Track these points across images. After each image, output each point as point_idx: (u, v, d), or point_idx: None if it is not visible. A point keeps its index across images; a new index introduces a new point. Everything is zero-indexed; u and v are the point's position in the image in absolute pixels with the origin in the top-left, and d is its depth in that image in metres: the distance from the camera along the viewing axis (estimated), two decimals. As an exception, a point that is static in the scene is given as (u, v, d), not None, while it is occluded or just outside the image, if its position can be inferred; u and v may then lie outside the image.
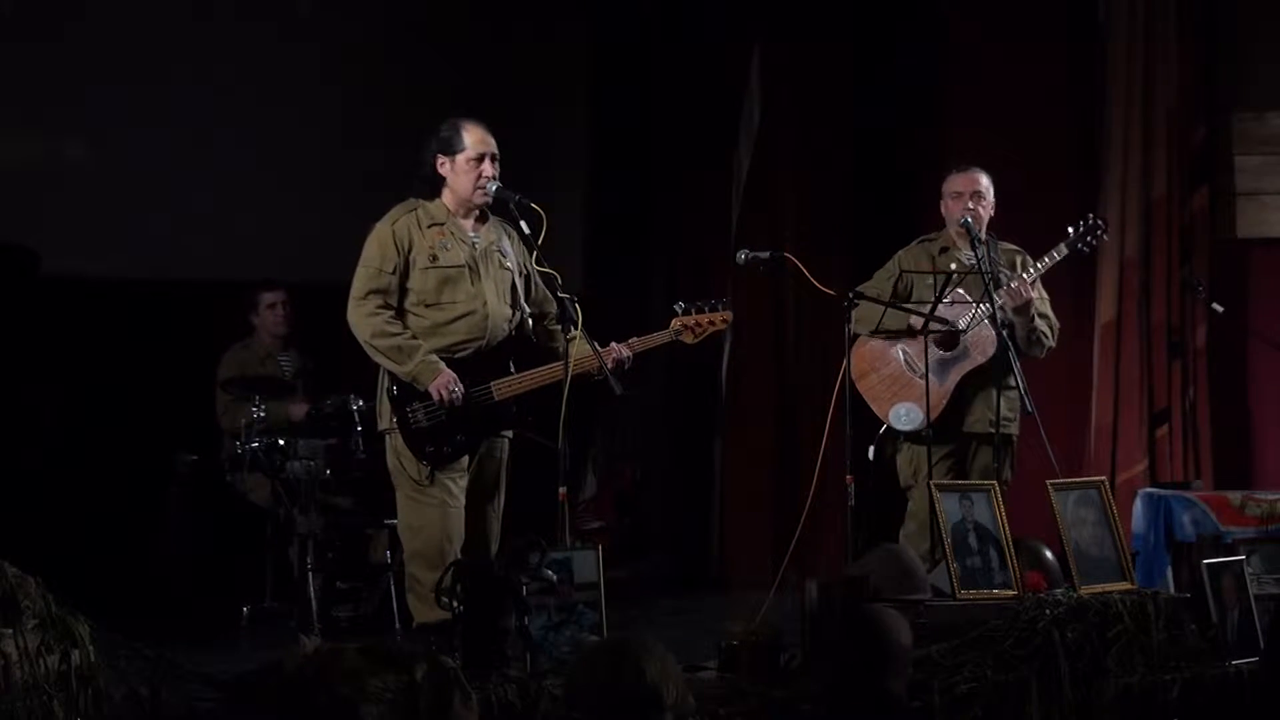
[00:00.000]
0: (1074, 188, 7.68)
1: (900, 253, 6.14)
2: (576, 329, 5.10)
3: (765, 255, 5.68)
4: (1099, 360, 7.61)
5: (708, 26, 8.27)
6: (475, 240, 5.25)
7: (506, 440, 5.32)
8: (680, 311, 5.41)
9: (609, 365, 5.17)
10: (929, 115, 8.05)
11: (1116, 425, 7.58)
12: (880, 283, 6.02)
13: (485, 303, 5.19)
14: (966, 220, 5.88)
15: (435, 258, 5.17)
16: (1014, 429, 5.95)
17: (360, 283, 5.18)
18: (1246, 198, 7.80)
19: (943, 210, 6.12)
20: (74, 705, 3.92)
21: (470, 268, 5.20)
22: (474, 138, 5.21)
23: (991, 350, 5.78)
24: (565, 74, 8.60)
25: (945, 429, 5.88)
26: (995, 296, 5.72)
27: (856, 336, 5.85)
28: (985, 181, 6.05)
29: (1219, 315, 7.39)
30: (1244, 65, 7.83)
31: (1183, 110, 7.66)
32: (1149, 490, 6.94)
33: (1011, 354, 5.70)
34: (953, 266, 5.87)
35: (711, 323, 5.44)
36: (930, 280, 5.90)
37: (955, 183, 6.07)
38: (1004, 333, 5.72)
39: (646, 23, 8.50)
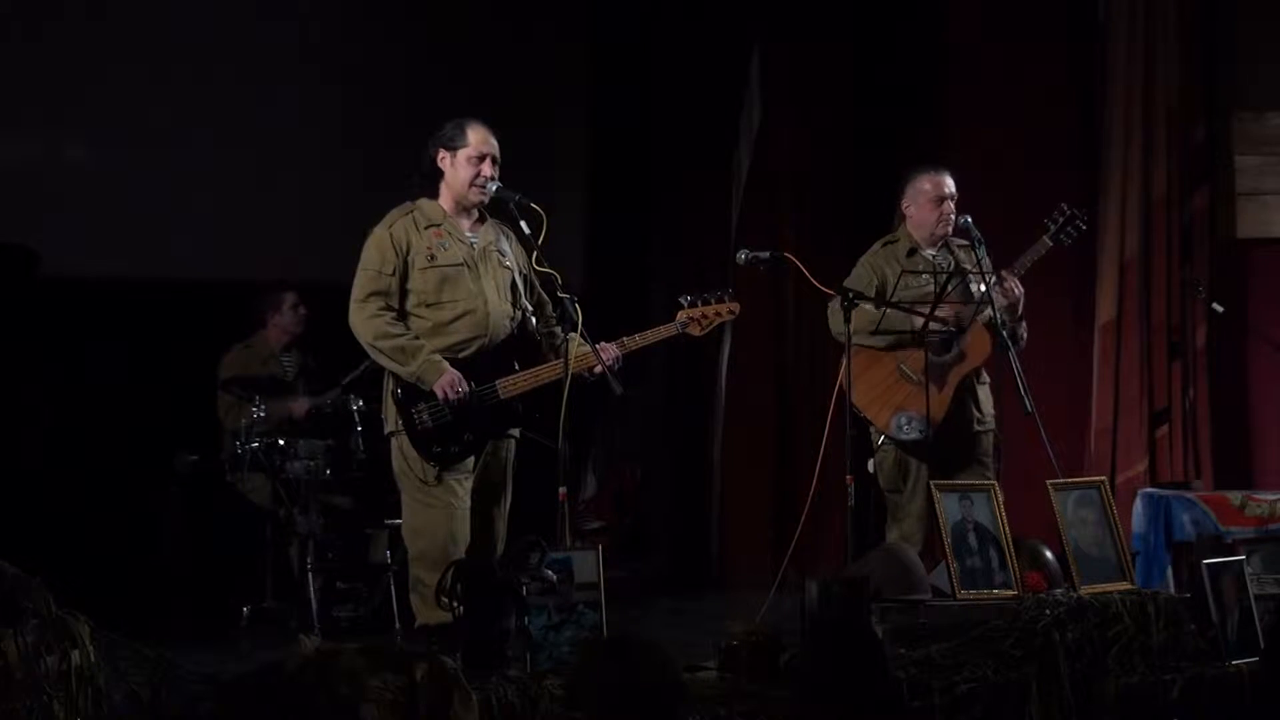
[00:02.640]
0: (1074, 188, 7.67)
1: (866, 258, 6.07)
2: (577, 329, 5.10)
3: (765, 255, 5.68)
4: (1099, 360, 7.60)
5: (708, 26, 8.28)
6: (473, 240, 5.26)
7: (512, 440, 5.32)
8: (686, 304, 5.40)
9: (598, 368, 5.17)
10: (929, 115, 8.05)
11: (1116, 425, 7.58)
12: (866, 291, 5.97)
13: (485, 300, 5.20)
14: (966, 220, 5.86)
15: (433, 257, 5.18)
16: (993, 424, 5.97)
17: (360, 286, 5.19)
18: (1246, 198, 7.80)
19: (909, 211, 6.05)
20: (74, 705, 3.92)
21: (469, 266, 5.20)
22: (477, 137, 5.22)
23: (988, 351, 5.78)
24: (565, 74, 8.60)
25: (942, 431, 5.87)
26: (994, 297, 5.72)
27: (850, 336, 5.77)
28: (953, 181, 6.04)
29: (1219, 315, 7.38)
30: (1244, 65, 7.83)
31: (1183, 110, 7.66)
32: (1149, 490, 6.94)
33: (1012, 354, 5.69)
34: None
35: (718, 314, 5.42)
36: (914, 282, 5.88)
37: (932, 187, 6.00)
38: (1004, 333, 5.72)
39: (646, 23, 8.50)
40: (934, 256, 6.00)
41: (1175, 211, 7.65)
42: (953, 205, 5.99)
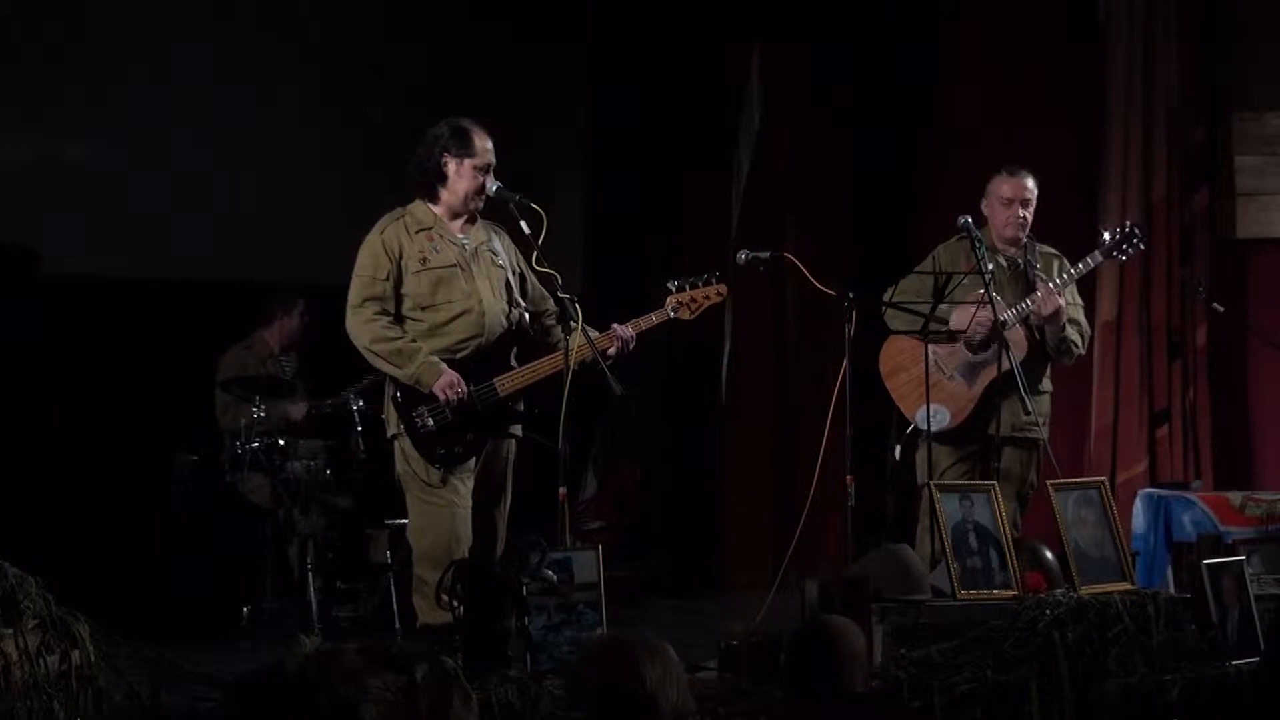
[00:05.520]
0: (1074, 188, 7.67)
1: (939, 247, 6.06)
2: (576, 327, 5.10)
3: (765, 255, 5.67)
4: (1099, 360, 7.60)
5: (708, 26, 8.28)
6: (464, 241, 5.27)
7: (513, 440, 5.32)
8: (674, 289, 5.40)
9: (613, 349, 5.18)
10: (929, 115, 8.05)
11: (1116, 425, 7.57)
12: (912, 280, 5.97)
13: (480, 300, 5.20)
14: (966, 220, 5.83)
15: (426, 260, 5.19)
16: (1040, 433, 5.92)
17: (356, 292, 5.20)
18: (1246, 198, 7.80)
19: (984, 209, 6.01)
20: (74, 705, 3.92)
21: (461, 267, 5.21)
22: (484, 145, 5.23)
23: (1021, 354, 5.75)
24: (565, 74, 8.60)
25: (971, 431, 5.87)
26: (997, 300, 5.71)
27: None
28: (1033, 186, 5.97)
29: (1219, 315, 7.38)
30: (1244, 65, 7.83)
31: (1183, 110, 7.66)
32: (1149, 490, 6.94)
33: (1011, 357, 5.68)
34: (989, 267, 5.75)
35: (707, 297, 5.42)
36: (964, 278, 5.85)
37: (1005, 187, 5.96)
38: (1004, 333, 5.71)
39: (646, 23, 8.50)
40: (1005, 260, 5.96)
41: (1175, 211, 7.65)
42: (1022, 210, 5.93)
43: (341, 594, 6.63)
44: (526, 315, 5.36)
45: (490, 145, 5.24)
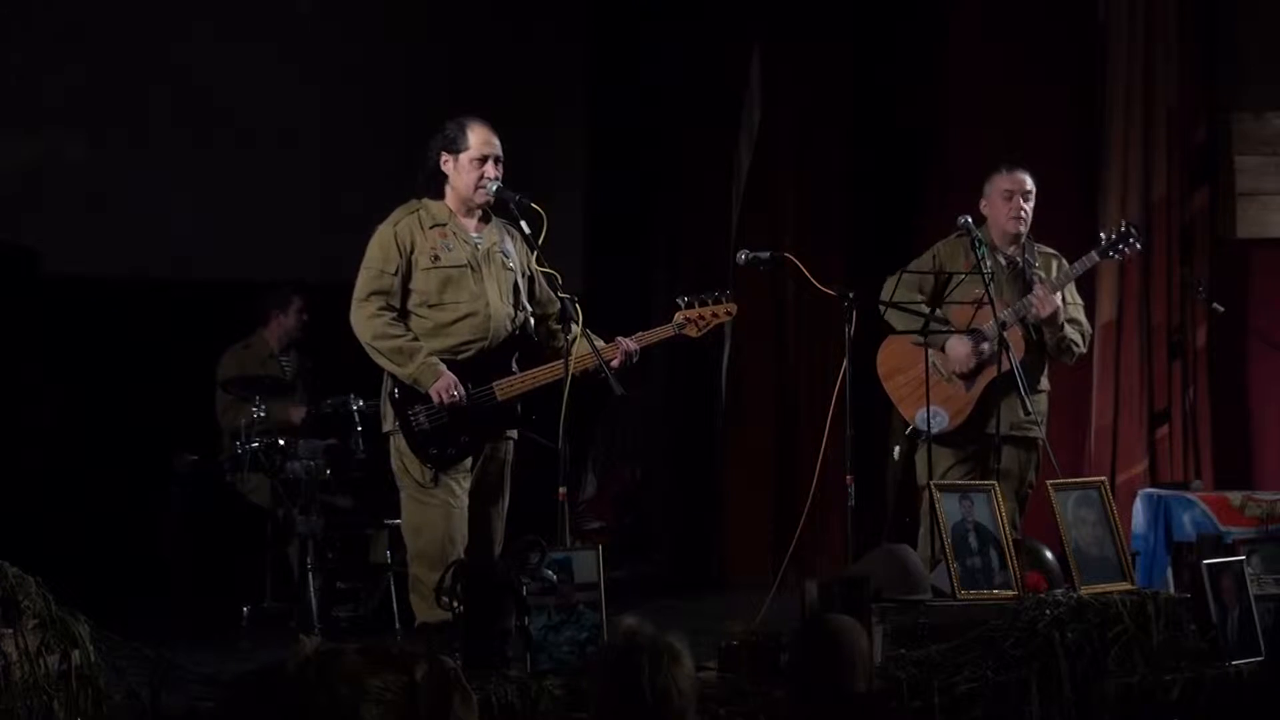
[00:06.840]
0: (1074, 188, 7.67)
1: (939, 244, 6.07)
2: (577, 328, 5.09)
3: (765, 255, 5.66)
4: (1099, 360, 7.60)
5: (708, 26, 8.28)
6: (478, 241, 5.25)
7: (511, 442, 5.31)
8: (683, 305, 5.39)
9: (617, 360, 5.18)
10: (929, 115, 8.05)
11: (1116, 425, 7.57)
12: (911, 278, 5.97)
13: (488, 303, 5.19)
14: (966, 220, 5.83)
15: (437, 258, 5.17)
16: (1038, 432, 5.92)
17: (362, 284, 5.18)
18: (1246, 198, 7.79)
19: (983, 208, 6.03)
20: (74, 705, 3.92)
21: (472, 268, 5.20)
22: (478, 138, 5.21)
23: (1019, 355, 5.75)
24: (565, 74, 8.60)
25: (971, 432, 5.87)
26: (997, 301, 5.70)
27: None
28: (1031, 182, 5.99)
29: (1219, 315, 7.38)
30: (1244, 65, 7.83)
31: (1183, 110, 7.66)
32: (1149, 490, 6.94)
33: (1010, 355, 5.68)
34: (988, 265, 5.76)
35: (715, 315, 5.41)
36: (964, 276, 5.85)
37: (1004, 181, 5.98)
38: (1003, 333, 5.71)
39: (646, 23, 8.50)
40: (1003, 259, 5.96)
41: (1175, 211, 7.64)
42: (1024, 203, 5.94)
43: (341, 594, 6.63)
44: (532, 319, 5.35)
45: (490, 137, 5.21)
